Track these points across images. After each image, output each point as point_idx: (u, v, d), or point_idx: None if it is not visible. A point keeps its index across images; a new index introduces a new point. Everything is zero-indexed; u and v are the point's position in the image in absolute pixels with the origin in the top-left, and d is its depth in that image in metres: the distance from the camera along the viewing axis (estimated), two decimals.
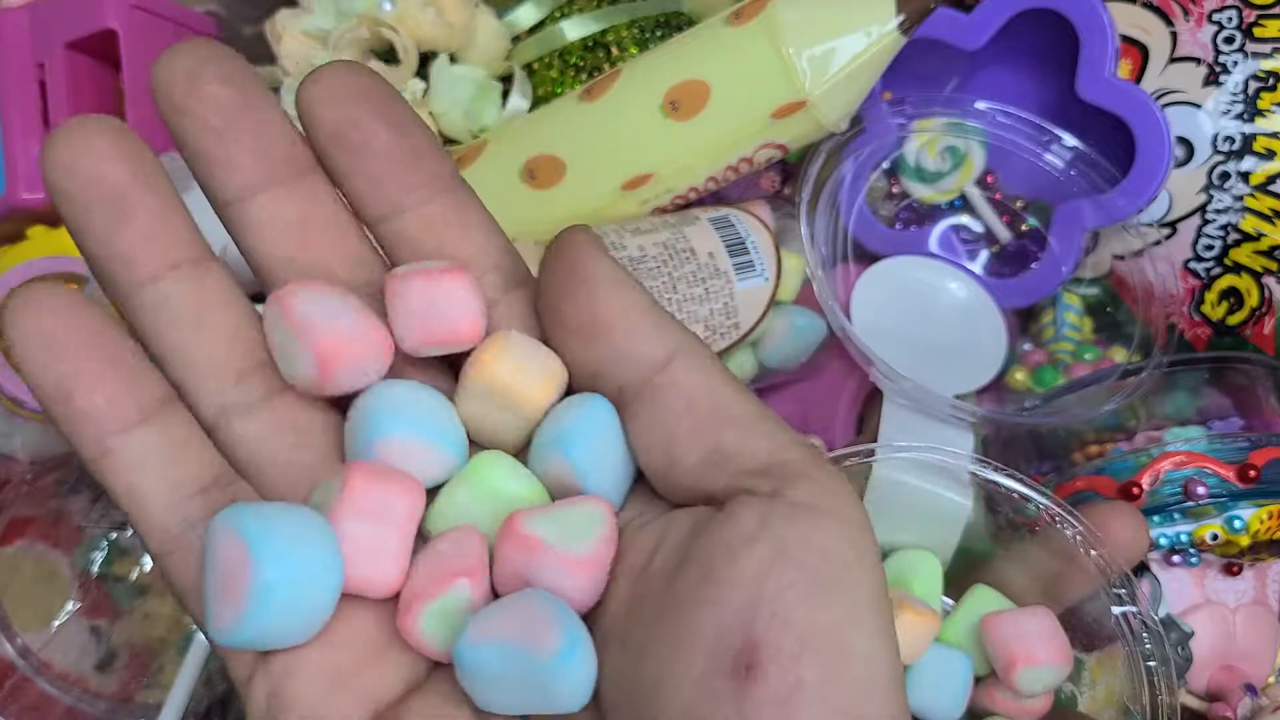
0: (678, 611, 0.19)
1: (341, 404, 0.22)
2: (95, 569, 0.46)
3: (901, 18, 0.41)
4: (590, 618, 0.20)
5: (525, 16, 0.54)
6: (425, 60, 0.50)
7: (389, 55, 0.50)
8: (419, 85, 0.50)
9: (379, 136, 0.21)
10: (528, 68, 0.54)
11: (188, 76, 0.21)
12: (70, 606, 0.46)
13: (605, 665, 0.20)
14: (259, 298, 0.22)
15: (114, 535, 0.46)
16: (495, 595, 0.21)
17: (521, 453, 0.22)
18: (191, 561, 0.20)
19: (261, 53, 0.53)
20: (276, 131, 0.22)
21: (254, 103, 0.22)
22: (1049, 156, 0.47)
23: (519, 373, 0.21)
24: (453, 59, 0.51)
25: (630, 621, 0.20)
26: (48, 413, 0.20)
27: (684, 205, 0.48)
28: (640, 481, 0.22)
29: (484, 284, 0.22)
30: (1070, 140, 0.46)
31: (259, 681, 0.20)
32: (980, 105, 0.47)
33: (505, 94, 0.53)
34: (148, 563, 0.47)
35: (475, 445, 0.22)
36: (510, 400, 0.21)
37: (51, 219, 0.52)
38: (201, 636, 0.43)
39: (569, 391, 0.22)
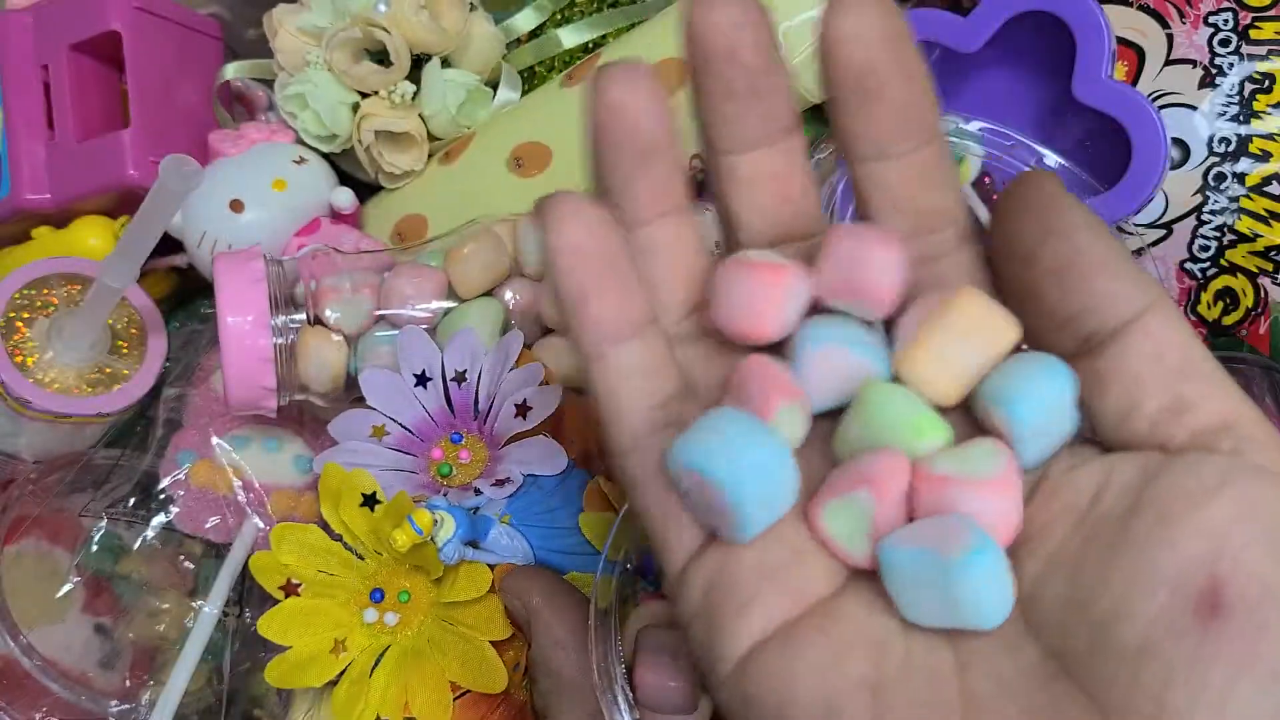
0: (1137, 549, 0.19)
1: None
2: (99, 567, 0.46)
3: None
4: (1032, 548, 0.21)
5: (523, 22, 0.54)
6: (419, 62, 0.51)
7: (382, 56, 0.51)
8: (409, 88, 0.50)
9: (893, 86, 0.22)
10: (524, 72, 0.54)
11: (728, 30, 0.22)
12: (74, 605, 0.46)
13: (1050, 592, 0.20)
14: None
15: (112, 525, 0.47)
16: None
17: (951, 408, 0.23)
18: (649, 461, 0.22)
19: (265, 55, 0.54)
20: (785, 95, 0.23)
21: (774, 62, 0.23)
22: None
23: (978, 324, 0.22)
24: (446, 62, 0.51)
25: (1083, 554, 0.20)
26: (563, 310, 0.22)
27: (700, 182, 0.48)
28: None
29: (940, 239, 0.23)
30: (1054, 158, 0.46)
31: (694, 572, 0.22)
32: (973, 126, 0.47)
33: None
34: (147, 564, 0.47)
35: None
36: (961, 349, 0.22)
37: (56, 220, 0.52)
38: (200, 632, 0.44)
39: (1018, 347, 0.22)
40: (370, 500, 0.38)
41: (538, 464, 0.40)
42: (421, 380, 0.41)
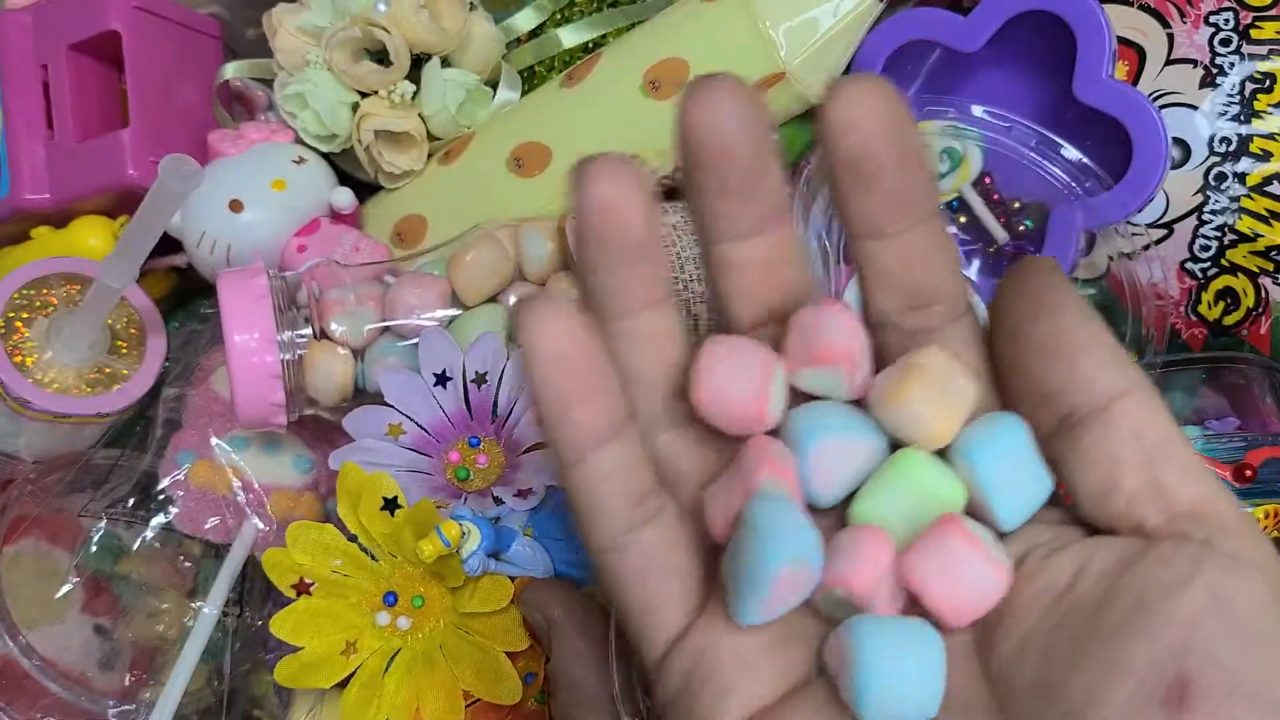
0: (1109, 638, 0.20)
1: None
2: (99, 567, 0.46)
3: None
4: (1008, 627, 0.22)
5: (523, 21, 0.54)
6: (418, 62, 0.51)
7: (382, 56, 0.51)
8: (409, 87, 0.50)
9: (888, 173, 0.22)
10: (524, 72, 0.54)
11: (717, 124, 0.22)
12: (74, 605, 0.46)
13: (1022, 675, 0.21)
14: None
15: (111, 525, 0.47)
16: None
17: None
18: (628, 557, 0.23)
19: (264, 54, 0.54)
20: (777, 184, 0.23)
21: (770, 157, 0.23)
22: (1044, 162, 0.47)
23: (938, 389, 0.22)
24: (446, 62, 0.51)
25: (1056, 638, 0.21)
26: (542, 415, 0.22)
27: (672, 188, 0.48)
28: (1051, 508, 0.23)
29: (932, 314, 0.24)
30: (1072, 152, 0.47)
31: (673, 660, 0.23)
32: (976, 111, 0.48)
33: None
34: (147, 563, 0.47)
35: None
36: (922, 416, 0.22)
37: (55, 220, 0.52)
38: (200, 633, 0.44)
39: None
40: (391, 504, 0.38)
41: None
42: (441, 380, 0.41)
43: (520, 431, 0.41)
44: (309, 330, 0.42)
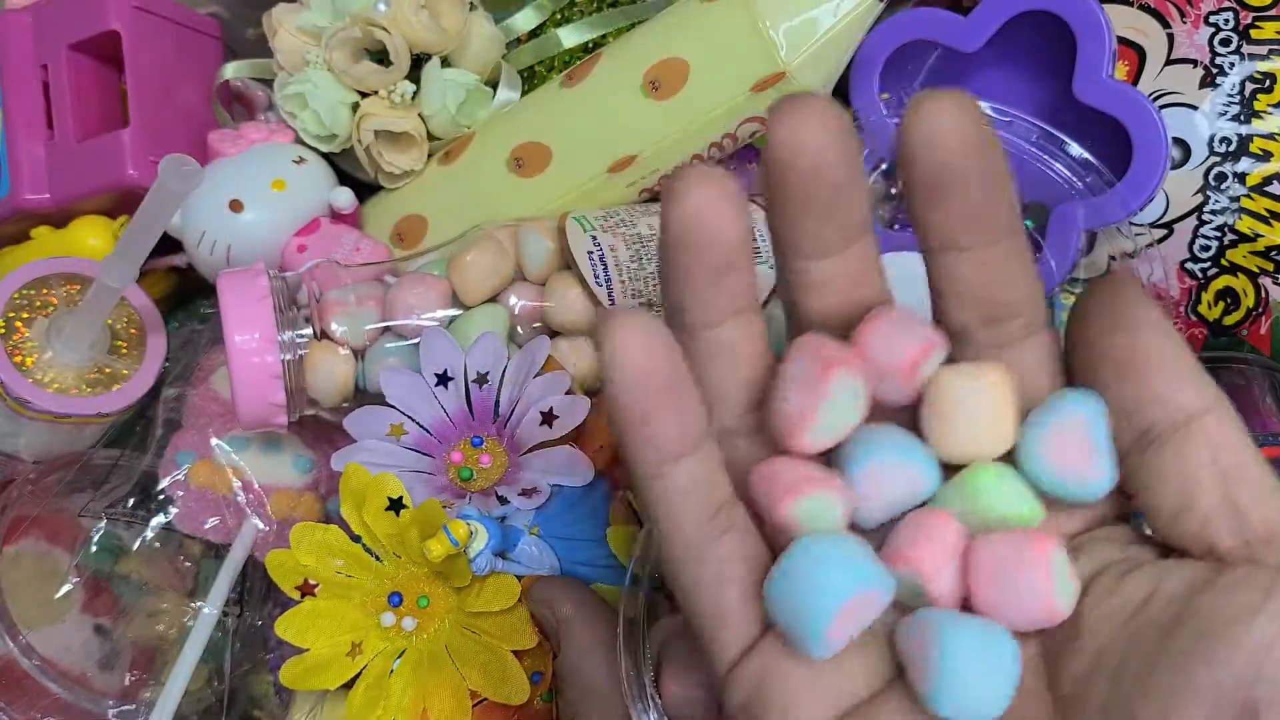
0: (1178, 663, 0.20)
1: None
2: (99, 567, 0.46)
3: None
4: (1080, 645, 0.22)
5: (523, 22, 0.54)
6: (418, 62, 0.51)
7: (382, 56, 0.51)
8: (409, 87, 0.50)
9: (967, 188, 0.22)
10: (524, 72, 0.54)
11: (807, 148, 0.22)
12: (74, 605, 0.46)
13: (1093, 695, 0.21)
14: None
15: (111, 525, 0.47)
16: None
17: None
18: (704, 570, 0.23)
19: (264, 54, 0.54)
20: (862, 204, 0.23)
21: (857, 177, 0.23)
22: (1044, 157, 0.47)
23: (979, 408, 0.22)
24: (446, 62, 0.51)
25: (1126, 660, 0.21)
26: (620, 428, 0.22)
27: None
28: (1124, 527, 0.24)
29: (1007, 330, 0.24)
30: (1077, 150, 0.47)
31: (740, 672, 0.23)
32: (982, 106, 0.48)
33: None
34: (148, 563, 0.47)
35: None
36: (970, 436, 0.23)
37: (55, 220, 0.52)
38: (200, 633, 0.44)
39: None
40: (396, 504, 0.38)
41: (562, 474, 0.40)
42: (443, 380, 0.41)
43: (523, 431, 0.41)
44: (309, 330, 0.42)
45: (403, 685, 0.38)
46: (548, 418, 0.40)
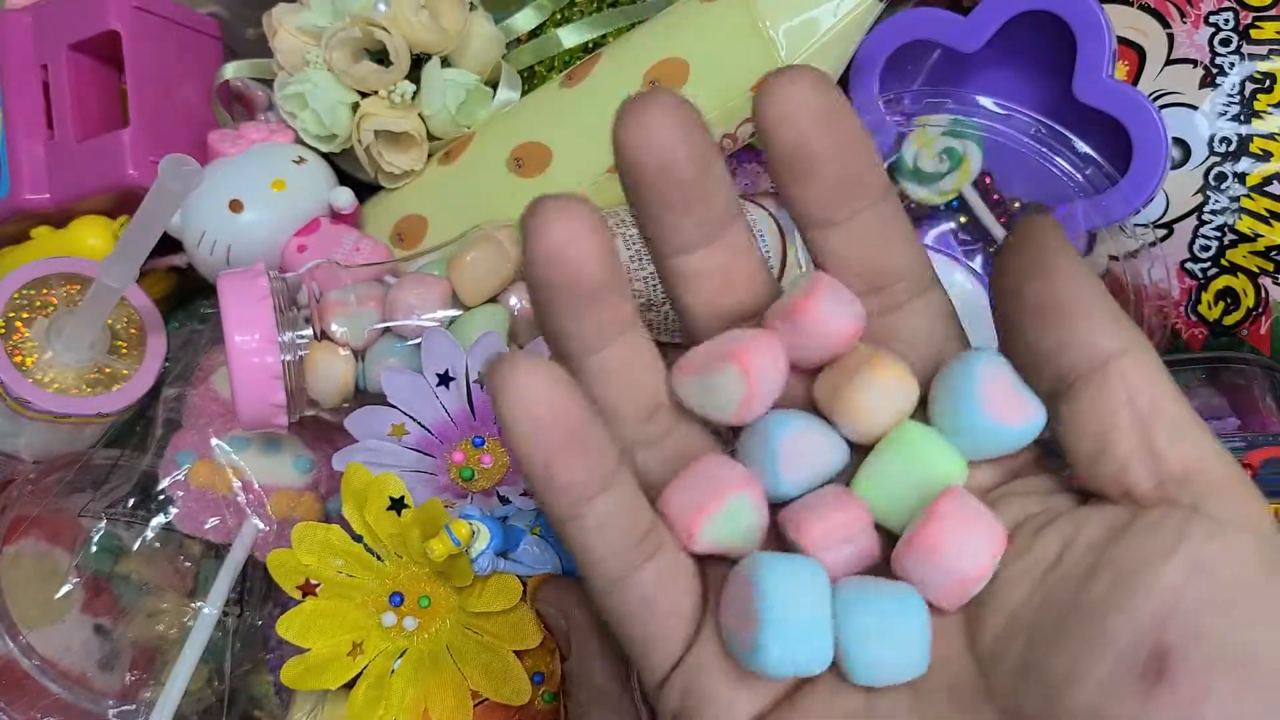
0: (1090, 614, 0.20)
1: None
2: (99, 567, 0.46)
3: None
4: (997, 603, 0.22)
5: (523, 22, 0.54)
6: (418, 62, 0.51)
7: (382, 56, 0.51)
8: (409, 87, 0.50)
9: (827, 162, 0.22)
10: (524, 72, 0.54)
11: (661, 148, 0.22)
12: (74, 605, 0.46)
13: (1009, 653, 0.21)
14: None
15: (111, 525, 0.46)
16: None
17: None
18: (630, 596, 0.23)
19: (264, 54, 0.54)
20: (723, 194, 0.23)
21: (711, 168, 0.23)
22: (1047, 152, 0.47)
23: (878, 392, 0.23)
24: (445, 62, 0.51)
25: (1040, 616, 0.21)
26: (528, 478, 0.22)
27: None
28: (1042, 476, 0.23)
29: (893, 292, 0.24)
30: (1079, 145, 0.47)
31: (673, 681, 0.23)
32: (984, 101, 0.48)
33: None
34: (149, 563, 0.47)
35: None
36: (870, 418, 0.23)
37: (55, 220, 0.52)
38: (200, 633, 0.43)
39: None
40: (398, 504, 0.38)
41: None
42: (444, 380, 0.41)
43: None
44: (309, 331, 0.42)
45: (404, 685, 0.38)
46: None
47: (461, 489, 0.41)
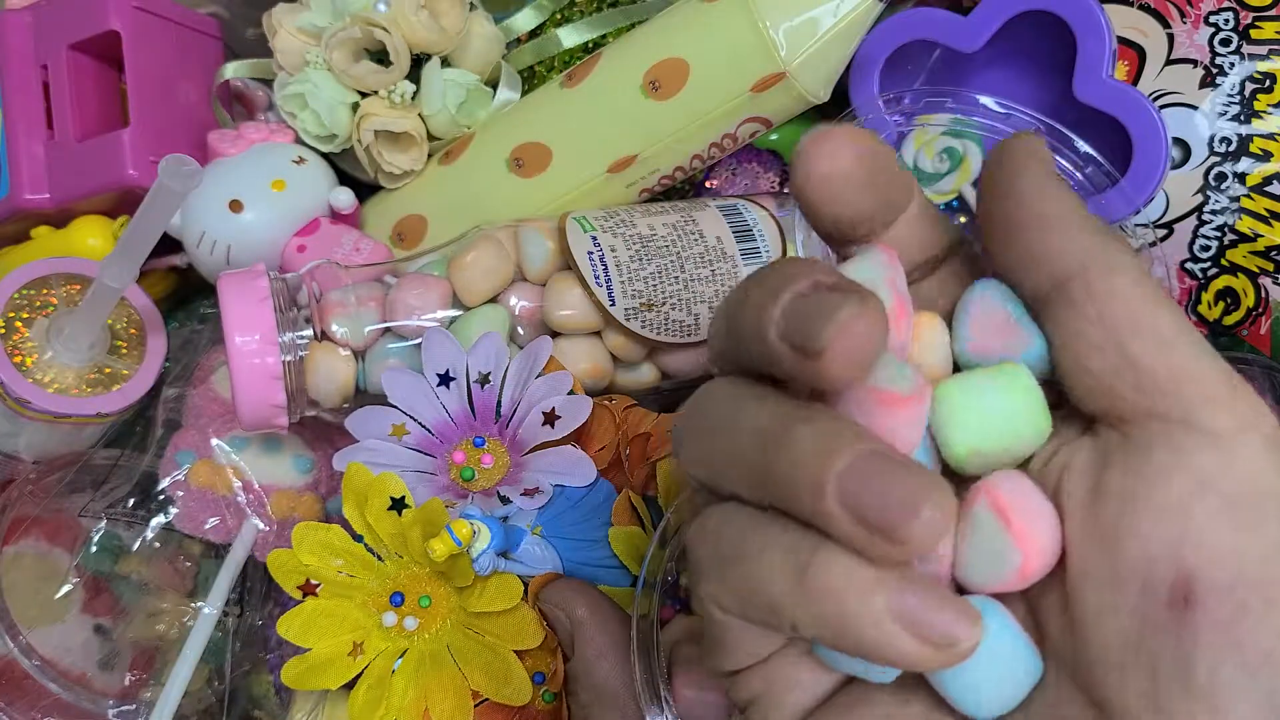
0: (1104, 543, 0.19)
1: None
2: (99, 567, 0.46)
3: None
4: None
5: (523, 22, 0.54)
6: (418, 62, 0.51)
7: (381, 56, 0.51)
8: (409, 87, 0.50)
9: (876, 218, 0.23)
10: (524, 72, 0.54)
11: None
12: (74, 605, 0.46)
13: (1042, 598, 0.21)
14: None
15: (111, 525, 0.47)
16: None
17: None
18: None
19: (264, 54, 0.54)
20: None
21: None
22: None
23: None
24: (445, 62, 0.51)
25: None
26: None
27: (671, 187, 0.48)
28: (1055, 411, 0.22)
29: (948, 266, 0.24)
30: (1079, 144, 0.47)
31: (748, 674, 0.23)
32: (984, 100, 0.47)
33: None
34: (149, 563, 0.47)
35: None
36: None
37: (55, 220, 0.52)
38: (200, 633, 0.43)
39: None
40: (399, 504, 0.38)
41: (564, 474, 0.40)
42: (445, 380, 0.41)
43: (525, 431, 0.41)
44: (310, 331, 0.42)
45: (404, 685, 0.38)
46: (550, 418, 0.40)
47: (462, 489, 0.41)
